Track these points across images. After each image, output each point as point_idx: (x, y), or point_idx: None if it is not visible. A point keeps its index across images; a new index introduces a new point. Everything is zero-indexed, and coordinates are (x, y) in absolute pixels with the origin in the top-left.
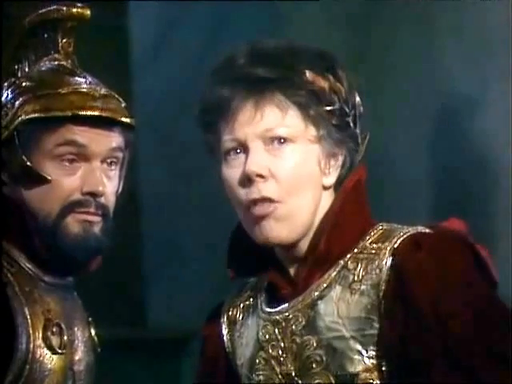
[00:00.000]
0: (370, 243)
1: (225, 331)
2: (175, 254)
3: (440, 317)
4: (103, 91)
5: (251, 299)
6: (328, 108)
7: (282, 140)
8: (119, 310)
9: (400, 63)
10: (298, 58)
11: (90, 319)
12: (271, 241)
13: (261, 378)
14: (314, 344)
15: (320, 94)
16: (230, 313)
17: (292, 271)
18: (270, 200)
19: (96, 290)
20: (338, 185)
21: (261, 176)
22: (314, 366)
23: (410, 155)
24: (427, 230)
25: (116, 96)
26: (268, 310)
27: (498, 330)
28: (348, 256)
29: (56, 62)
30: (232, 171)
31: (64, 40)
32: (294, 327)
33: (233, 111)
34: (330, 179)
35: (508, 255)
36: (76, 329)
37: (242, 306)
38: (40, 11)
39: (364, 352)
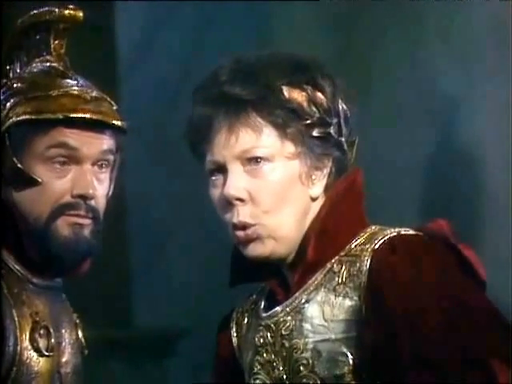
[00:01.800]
0: (356, 245)
1: (234, 335)
2: (160, 254)
3: (409, 317)
4: (95, 94)
5: (254, 304)
6: (307, 122)
7: (258, 160)
8: (105, 310)
9: (387, 64)
10: (276, 74)
11: (77, 321)
12: (259, 258)
13: (257, 382)
14: (301, 347)
15: (298, 109)
16: (239, 317)
17: (287, 277)
18: (247, 224)
19: (81, 290)
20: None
21: (240, 199)
22: (301, 368)
23: (397, 155)
24: (409, 232)
25: (108, 99)
26: (263, 314)
27: (473, 329)
28: (335, 259)
29: (48, 64)
30: (215, 191)
31: (56, 42)
32: (283, 331)
33: (212, 133)
34: (316, 190)
35: (495, 255)
36: (63, 331)
37: (246, 310)
38: (32, 12)
39: (349, 354)
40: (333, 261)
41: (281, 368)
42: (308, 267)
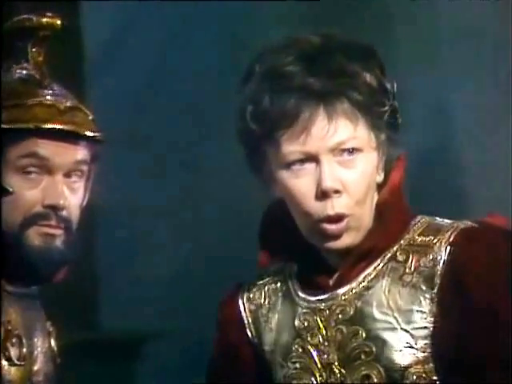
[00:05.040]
0: (419, 235)
1: (246, 314)
2: (129, 257)
3: (492, 307)
4: (69, 104)
5: (278, 284)
6: (384, 109)
7: (351, 150)
8: (73, 312)
9: None
10: (352, 59)
11: (51, 329)
12: (336, 249)
13: (297, 365)
14: (364, 335)
15: (376, 95)
16: (252, 296)
17: (332, 261)
18: (344, 215)
19: (49, 292)
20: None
21: (337, 191)
22: (362, 356)
23: None
24: (476, 225)
25: (83, 109)
26: (307, 297)
27: None
28: (395, 248)
29: (25, 72)
30: (299, 181)
31: (34, 49)
32: (340, 316)
33: (303, 123)
34: (381, 176)
35: None
36: (36, 339)
37: (267, 289)
38: (14, 19)
39: (414, 345)
40: (393, 250)
41: (331, 353)
42: (363, 254)
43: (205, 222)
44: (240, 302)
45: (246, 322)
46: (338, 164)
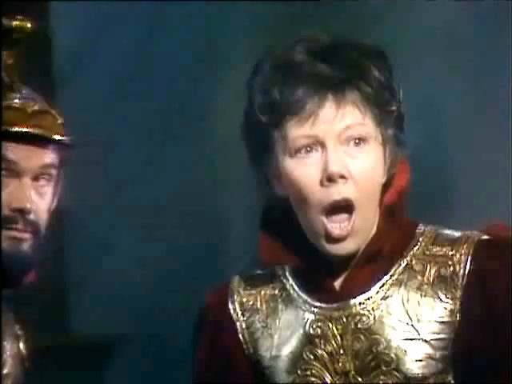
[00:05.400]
0: (432, 245)
1: (238, 319)
2: (99, 262)
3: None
4: (37, 107)
5: (276, 289)
6: (392, 108)
7: (357, 141)
8: (42, 316)
9: None
10: (362, 55)
11: (19, 333)
12: (340, 255)
13: (308, 372)
14: (384, 344)
15: (384, 92)
16: (245, 300)
17: (335, 263)
18: (348, 202)
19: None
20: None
21: (343, 177)
22: (381, 365)
23: None
24: (491, 236)
25: (52, 112)
26: (315, 303)
27: None
28: (409, 256)
29: None
30: (304, 169)
31: (4, 52)
32: (359, 325)
33: (311, 108)
34: (384, 178)
35: None
36: (5, 343)
37: (263, 294)
38: None
39: (434, 355)
40: (408, 258)
41: (347, 362)
42: (368, 256)
43: (174, 225)
44: (231, 306)
45: (238, 326)
46: (344, 153)
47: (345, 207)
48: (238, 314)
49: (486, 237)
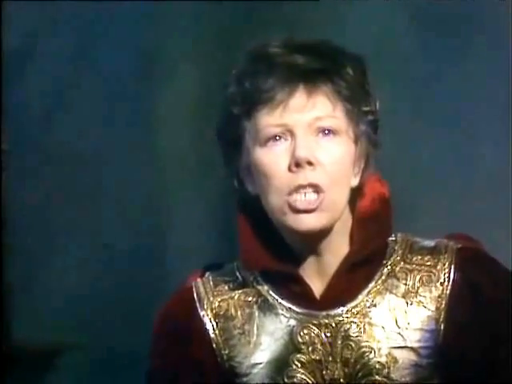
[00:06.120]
0: (411, 254)
1: (210, 326)
2: (43, 267)
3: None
4: None
5: (250, 296)
6: (367, 108)
7: (327, 131)
8: None
9: None
10: (340, 54)
11: None
12: (309, 231)
13: (295, 380)
14: (376, 352)
15: (359, 91)
16: (216, 306)
17: (315, 268)
18: (316, 187)
19: None
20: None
21: (310, 163)
22: (373, 373)
23: None
24: (463, 244)
25: None
26: (305, 311)
27: None
28: (389, 265)
29: None
30: (273, 157)
31: None
32: (349, 332)
33: (281, 97)
34: (355, 181)
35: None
36: None
37: (237, 298)
38: None
39: (421, 363)
40: (389, 267)
41: (336, 369)
42: (348, 267)
43: (116, 234)
44: (201, 312)
45: (210, 333)
46: (313, 142)
47: (312, 189)
48: (210, 321)
49: (463, 245)
